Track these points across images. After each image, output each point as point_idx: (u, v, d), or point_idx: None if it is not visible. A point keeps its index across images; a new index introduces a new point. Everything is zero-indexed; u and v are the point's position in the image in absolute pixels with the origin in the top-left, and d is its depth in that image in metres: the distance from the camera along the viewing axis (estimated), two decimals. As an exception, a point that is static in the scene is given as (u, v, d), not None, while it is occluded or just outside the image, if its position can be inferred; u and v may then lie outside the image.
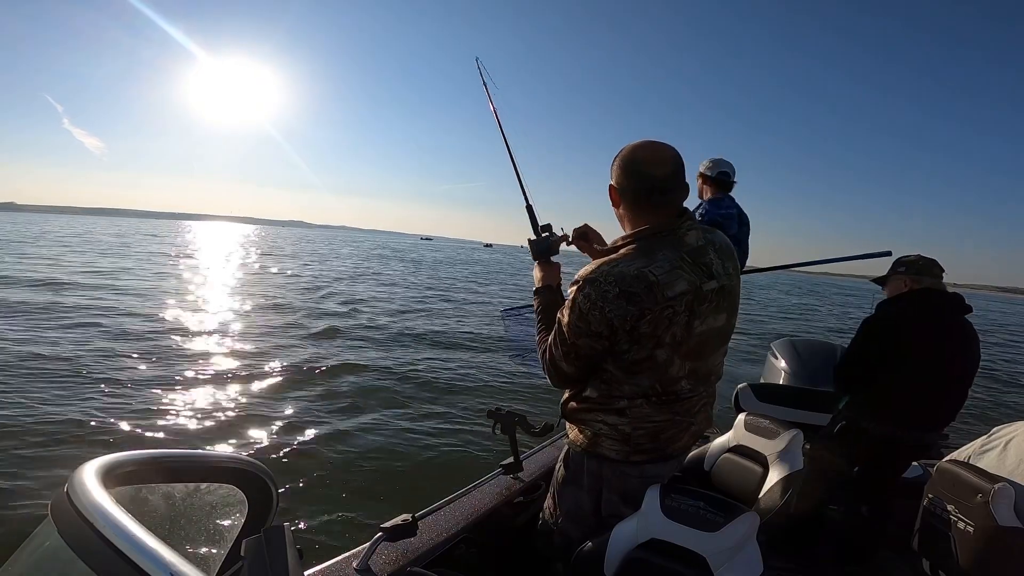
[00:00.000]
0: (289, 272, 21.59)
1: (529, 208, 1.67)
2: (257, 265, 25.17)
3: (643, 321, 1.13)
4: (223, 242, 54.46)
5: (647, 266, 1.13)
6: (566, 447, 1.41)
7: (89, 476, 0.69)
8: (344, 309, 12.11)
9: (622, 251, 1.21)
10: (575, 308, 1.18)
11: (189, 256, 27.83)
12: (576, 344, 1.20)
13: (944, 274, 2.21)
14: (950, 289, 2.22)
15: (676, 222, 1.22)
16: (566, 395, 1.35)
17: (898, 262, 2.28)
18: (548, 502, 1.48)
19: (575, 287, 1.19)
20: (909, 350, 2.10)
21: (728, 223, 2.79)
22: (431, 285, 20.17)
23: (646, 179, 1.20)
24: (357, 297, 14.47)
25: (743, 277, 1.47)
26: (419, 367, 7.26)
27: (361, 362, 7.24)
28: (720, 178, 2.87)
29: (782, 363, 3.91)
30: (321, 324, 9.84)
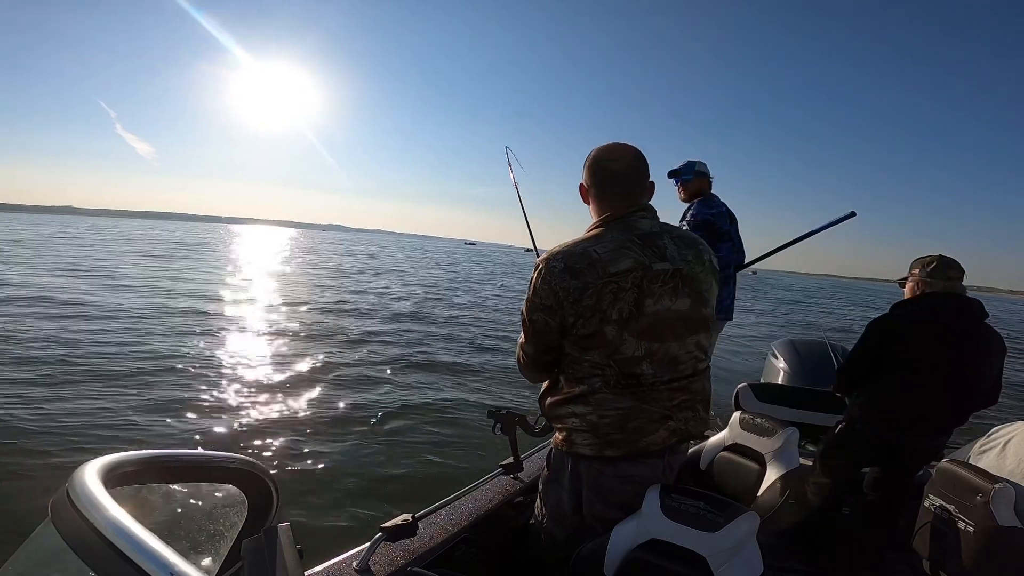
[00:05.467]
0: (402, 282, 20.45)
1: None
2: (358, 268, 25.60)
3: (586, 295, 1.22)
4: (303, 247, 53.60)
5: (593, 245, 1.26)
6: (550, 447, 1.46)
7: (89, 476, 0.68)
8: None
9: (580, 237, 1.34)
10: (532, 285, 1.31)
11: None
12: (533, 319, 1.32)
13: (964, 276, 2.08)
14: (1002, 295, 2.11)
15: (630, 211, 1.32)
16: (542, 390, 1.44)
17: (913, 263, 2.18)
18: (537, 502, 1.51)
19: (535, 270, 1.31)
20: (906, 353, 2.05)
21: (720, 220, 2.98)
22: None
23: (606, 173, 1.35)
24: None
25: (743, 275, 1.49)
26: (420, 366, 7.27)
27: (364, 362, 7.24)
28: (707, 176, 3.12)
29: (782, 363, 3.91)
30: (332, 326, 9.84)
